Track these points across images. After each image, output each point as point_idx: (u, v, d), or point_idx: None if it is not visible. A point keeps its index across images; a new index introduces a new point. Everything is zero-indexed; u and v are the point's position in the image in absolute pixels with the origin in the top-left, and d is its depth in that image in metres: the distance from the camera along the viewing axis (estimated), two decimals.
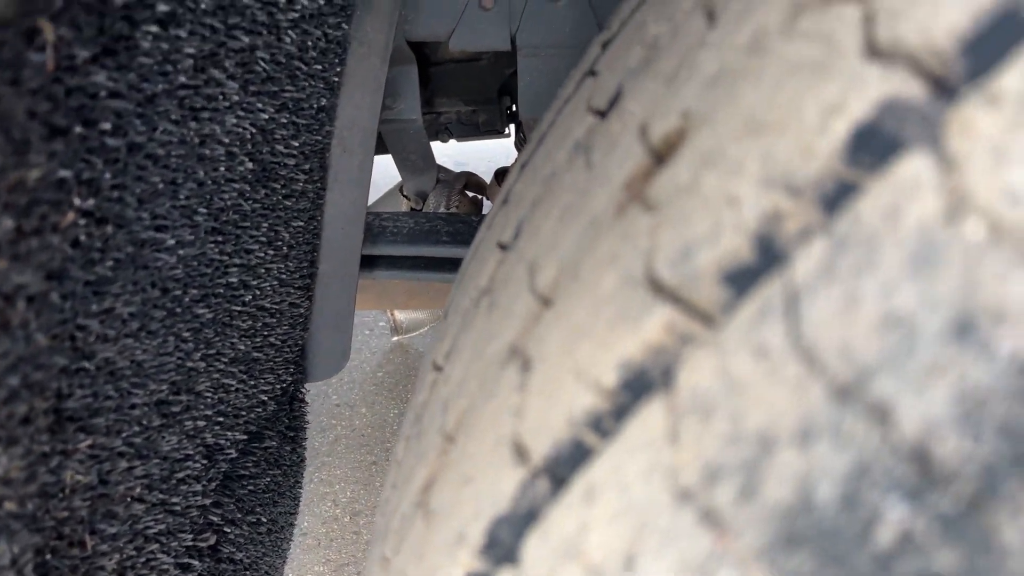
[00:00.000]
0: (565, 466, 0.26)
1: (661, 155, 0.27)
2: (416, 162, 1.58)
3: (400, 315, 2.68)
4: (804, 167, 0.20)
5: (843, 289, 0.19)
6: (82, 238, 0.42)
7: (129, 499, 0.61)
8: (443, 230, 1.43)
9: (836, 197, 0.20)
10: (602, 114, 0.34)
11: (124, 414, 0.56)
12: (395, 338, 2.78)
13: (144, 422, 0.61)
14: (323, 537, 1.99)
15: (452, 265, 1.42)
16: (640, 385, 0.24)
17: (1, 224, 0.30)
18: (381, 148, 1.68)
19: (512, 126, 1.94)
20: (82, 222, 0.42)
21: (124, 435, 0.57)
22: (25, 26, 0.29)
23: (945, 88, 0.19)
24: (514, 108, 1.81)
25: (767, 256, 0.21)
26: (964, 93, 0.18)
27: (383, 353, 2.77)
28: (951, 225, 0.18)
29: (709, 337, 0.22)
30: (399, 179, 1.80)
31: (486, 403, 0.31)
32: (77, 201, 0.40)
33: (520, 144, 1.64)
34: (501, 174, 1.72)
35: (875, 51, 0.20)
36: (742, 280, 0.22)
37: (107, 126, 0.43)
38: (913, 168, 0.19)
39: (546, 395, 0.27)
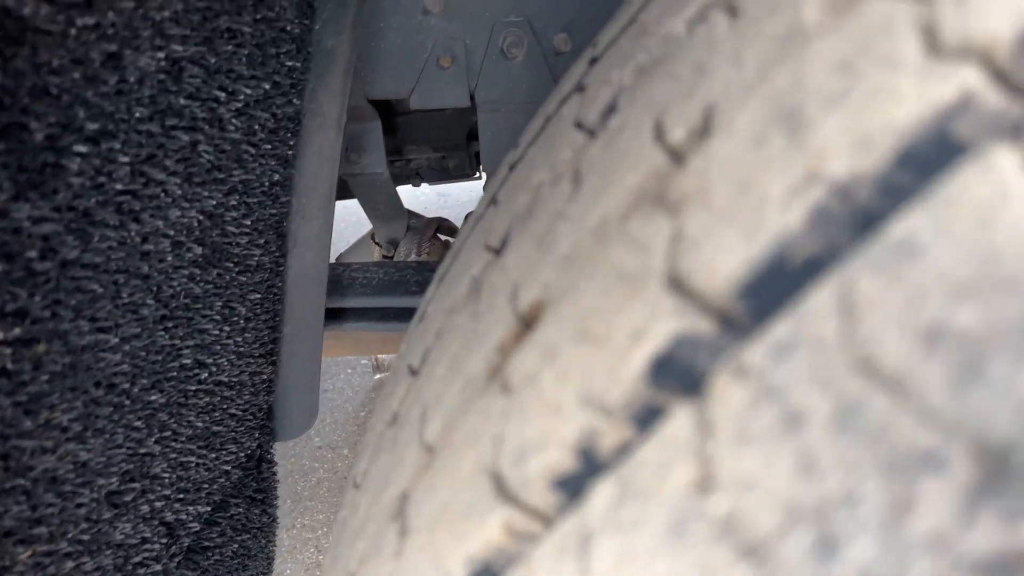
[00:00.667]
0: None
1: (528, 323, 0.28)
2: (385, 211, 1.60)
3: (382, 354, 2.68)
4: (613, 389, 0.21)
5: (621, 542, 0.20)
6: (8, 366, 0.43)
7: None
8: (412, 279, 1.44)
9: (647, 419, 0.21)
10: (496, 252, 0.35)
11: (69, 515, 0.57)
12: (377, 376, 2.78)
13: (92, 517, 0.61)
14: None
15: None
16: None
17: None
18: (351, 193, 1.69)
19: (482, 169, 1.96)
20: (7, 351, 0.43)
21: (70, 536, 0.58)
22: None
23: (733, 330, 0.20)
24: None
25: (591, 467, 0.22)
26: (738, 346, 0.19)
27: (365, 392, 2.76)
28: (701, 497, 0.19)
29: (547, 538, 0.23)
30: (371, 227, 1.82)
31: (374, 557, 0.32)
32: (1, 335, 0.41)
33: None
34: None
35: (674, 281, 0.21)
36: (571, 488, 0.23)
37: (33, 254, 0.44)
38: (679, 424, 0.20)
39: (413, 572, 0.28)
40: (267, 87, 0.76)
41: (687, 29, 0.27)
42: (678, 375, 0.20)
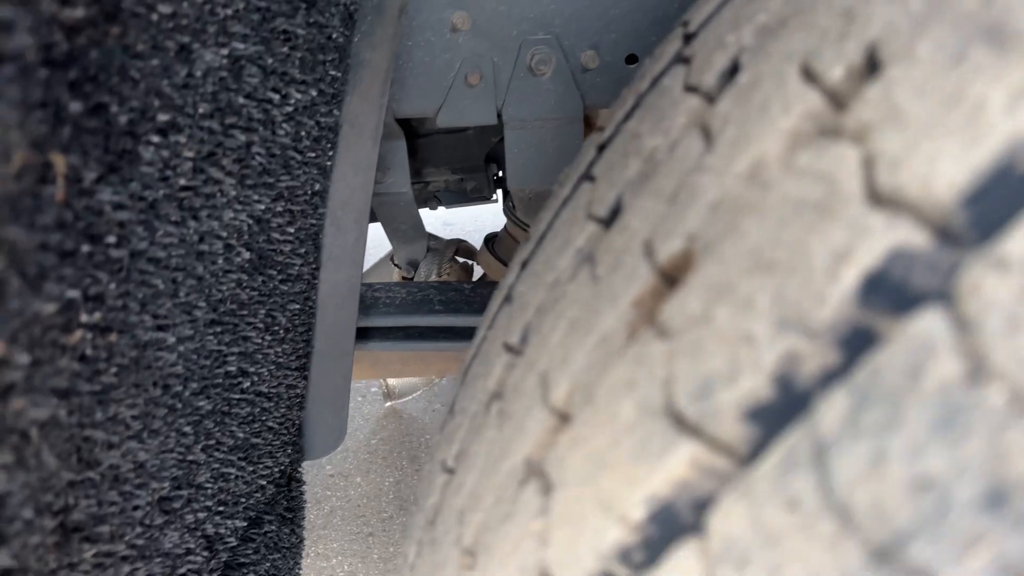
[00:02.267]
0: None
1: (670, 277, 0.27)
2: (407, 232, 1.60)
3: (392, 380, 2.67)
4: (817, 311, 0.21)
5: (870, 446, 0.19)
6: (88, 352, 0.42)
7: None
8: (435, 299, 1.44)
9: (855, 343, 0.20)
10: (604, 223, 0.35)
11: (127, 517, 0.56)
12: (388, 403, 2.76)
13: (146, 522, 0.60)
14: None
15: (445, 334, 1.42)
16: (669, 521, 0.24)
17: (17, 361, 0.30)
18: (370, 217, 1.69)
19: (499, 191, 1.96)
20: (88, 336, 0.42)
21: (127, 539, 0.56)
22: (37, 163, 0.30)
23: (951, 242, 0.19)
24: (500, 174, 1.84)
25: (789, 397, 0.21)
26: (971, 253, 0.19)
27: (376, 420, 2.74)
28: (973, 389, 0.18)
29: (738, 475, 0.22)
30: (389, 248, 1.82)
31: (505, 523, 0.31)
32: (84, 318, 0.40)
33: (508, 211, 1.66)
34: (491, 240, 1.74)
35: (878, 199, 0.21)
36: (766, 419, 0.22)
37: (112, 239, 0.43)
38: (928, 325, 0.19)
39: (571, 524, 0.27)
40: (314, 94, 0.76)
41: None
42: (891, 292, 0.20)
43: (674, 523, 0.24)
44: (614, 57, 1.18)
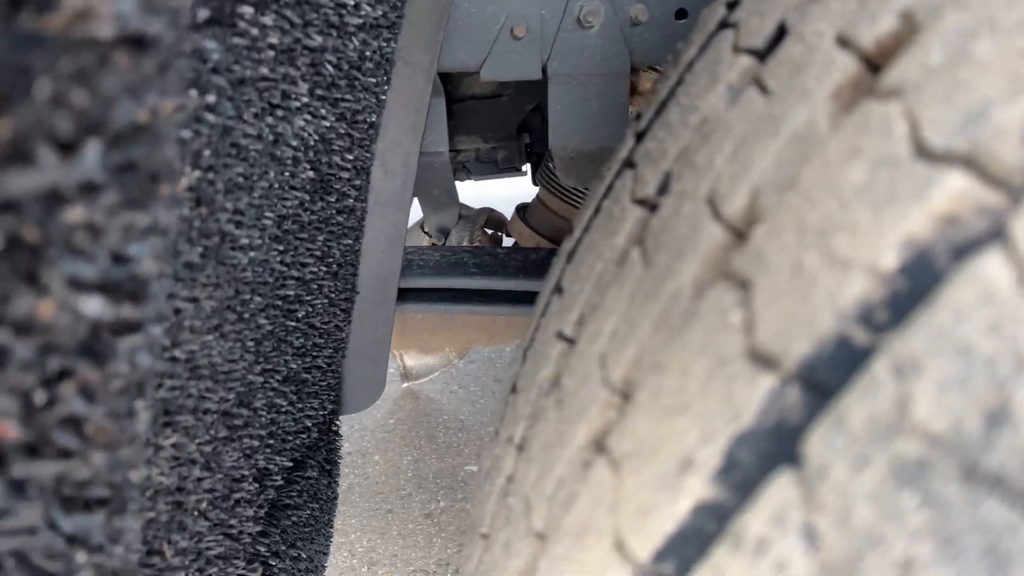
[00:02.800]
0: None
1: (750, 222, 0.26)
2: (439, 197, 1.58)
3: (410, 361, 2.64)
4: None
5: None
6: (187, 212, 0.40)
7: (196, 512, 0.57)
8: (470, 262, 1.42)
9: None
10: (653, 202, 0.35)
11: (199, 419, 0.54)
12: (405, 384, 2.74)
13: (212, 432, 0.58)
14: None
15: (480, 297, 1.40)
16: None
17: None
18: None
19: (528, 165, 1.94)
20: (188, 194, 0.40)
21: (197, 441, 0.54)
22: None
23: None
24: (531, 147, 1.81)
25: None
26: None
27: (394, 400, 2.72)
28: None
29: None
30: (419, 217, 1.80)
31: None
32: (188, 169, 0.38)
33: (542, 179, 1.64)
34: (522, 210, 1.72)
35: None
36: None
37: (211, 99, 0.41)
38: None
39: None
40: (379, 13, 0.74)
41: None
42: None
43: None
44: (663, 12, 1.16)
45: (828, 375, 0.24)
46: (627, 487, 0.28)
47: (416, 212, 1.90)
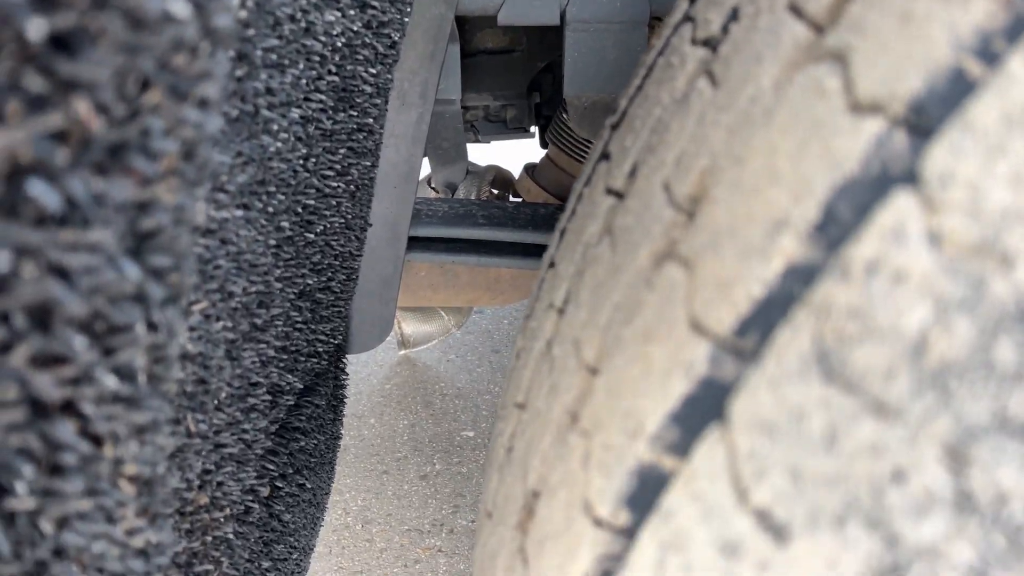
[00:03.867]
0: None
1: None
2: (448, 150, 1.57)
3: (407, 328, 2.63)
4: None
5: None
6: (230, 60, 0.39)
7: (216, 400, 0.57)
8: (479, 214, 1.41)
9: None
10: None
11: (224, 298, 0.53)
12: (401, 351, 2.73)
13: (234, 321, 0.57)
14: (335, 545, 1.92)
15: (488, 248, 1.39)
16: None
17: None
18: None
19: (536, 128, 1.93)
20: (233, 38, 0.39)
21: (221, 323, 0.54)
22: None
23: None
24: (540, 108, 1.80)
25: None
26: None
27: (390, 366, 2.71)
28: None
29: None
30: (426, 172, 1.79)
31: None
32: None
33: (552, 136, 1.62)
34: (531, 169, 1.71)
35: None
36: None
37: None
38: None
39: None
40: None
41: None
42: None
43: None
44: None
45: (940, 111, 0.23)
46: (704, 272, 0.28)
47: (423, 169, 1.89)
